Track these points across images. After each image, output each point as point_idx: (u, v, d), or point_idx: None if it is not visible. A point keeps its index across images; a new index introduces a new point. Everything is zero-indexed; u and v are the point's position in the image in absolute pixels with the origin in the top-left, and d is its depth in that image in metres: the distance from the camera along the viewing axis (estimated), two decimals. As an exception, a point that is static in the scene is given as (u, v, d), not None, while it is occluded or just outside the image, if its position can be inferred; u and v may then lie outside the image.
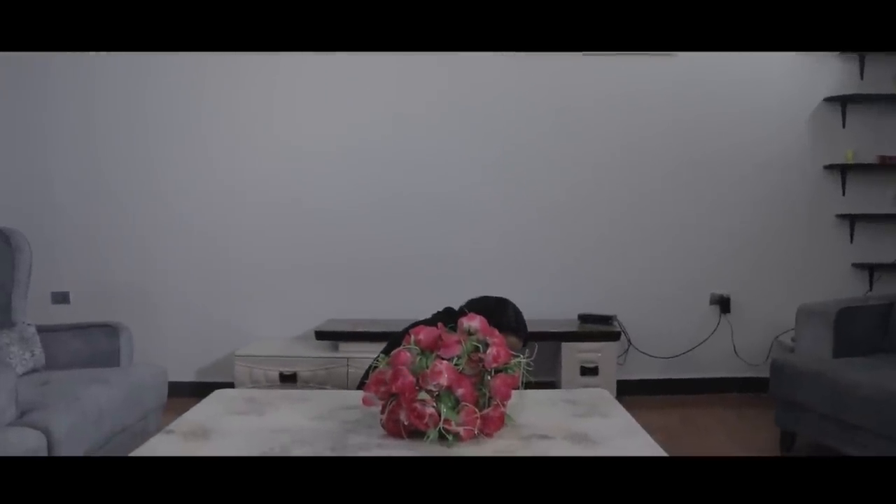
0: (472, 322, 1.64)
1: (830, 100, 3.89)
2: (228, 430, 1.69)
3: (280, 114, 3.89)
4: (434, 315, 2.17)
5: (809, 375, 2.79)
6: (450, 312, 2.13)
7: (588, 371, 3.55)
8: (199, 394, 2.09)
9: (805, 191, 3.96)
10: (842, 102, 3.89)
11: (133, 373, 2.74)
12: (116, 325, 2.90)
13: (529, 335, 2.23)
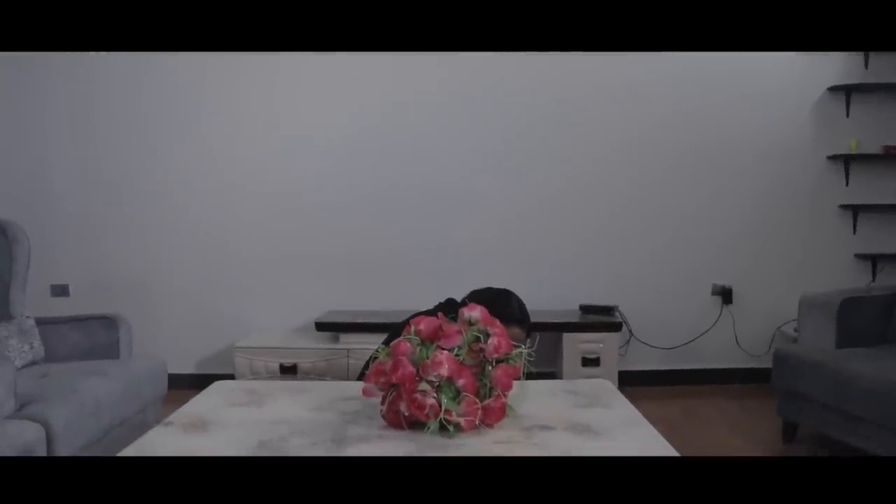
0: (473, 312, 1.63)
1: (834, 89, 3.86)
2: (227, 422, 1.68)
3: (279, 106, 3.87)
4: (436, 306, 2.15)
5: (812, 366, 2.78)
6: (452, 304, 2.11)
7: (589, 362, 3.54)
8: (200, 386, 2.08)
9: (808, 181, 3.94)
10: (846, 92, 3.86)
11: (132, 365, 2.73)
12: (115, 318, 2.89)
13: (533, 326, 2.21)
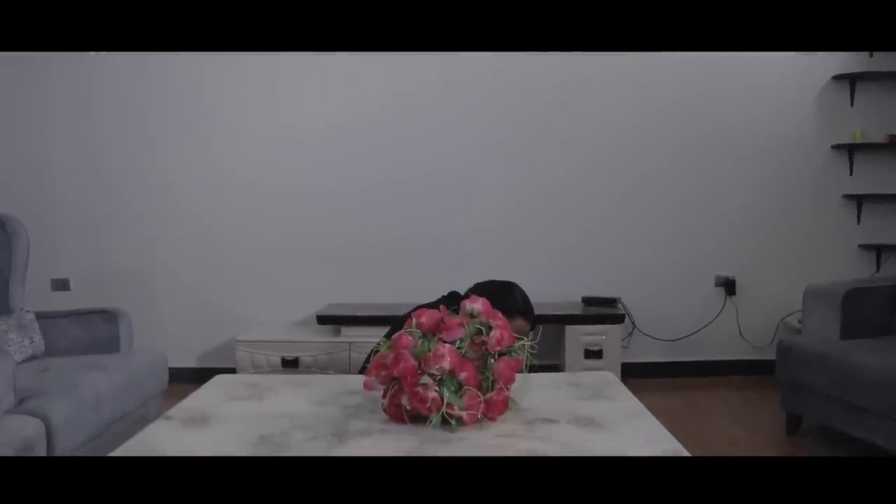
0: (475, 304, 1.61)
1: (839, 78, 3.82)
2: (228, 416, 1.66)
3: (278, 98, 3.84)
4: (439, 299, 2.14)
5: (816, 357, 2.76)
6: (455, 296, 2.10)
7: (592, 354, 3.53)
8: (201, 380, 2.06)
9: (812, 171, 3.91)
10: (850, 80, 3.83)
11: (132, 359, 2.72)
12: (115, 311, 2.88)
13: (537, 319, 2.20)
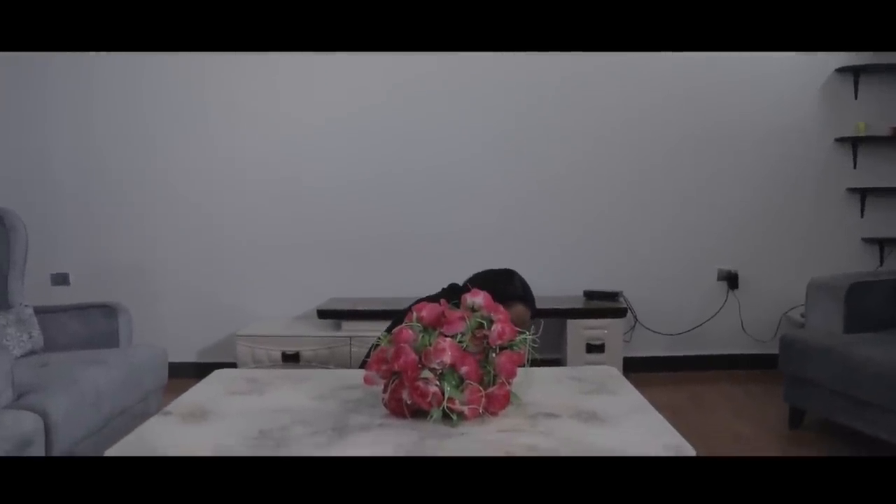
0: (476, 298, 1.59)
1: (842, 70, 3.80)
2: (227, 411, 1.65)
3: (278, 93, 3.82)
4: (439, 292, 2.12)
5: (819, 351, 2.75)
6: (454, 289, 2.08)
7: (594, 348, 3.52)
8: (201, 375, 2.05)
9: (815, 164, 3.88)
10: (854, 73, 3.80)
11: (132, 354, 2.71)
12: (115, 306, 2.87)
13: (538, 311, 2.18)
